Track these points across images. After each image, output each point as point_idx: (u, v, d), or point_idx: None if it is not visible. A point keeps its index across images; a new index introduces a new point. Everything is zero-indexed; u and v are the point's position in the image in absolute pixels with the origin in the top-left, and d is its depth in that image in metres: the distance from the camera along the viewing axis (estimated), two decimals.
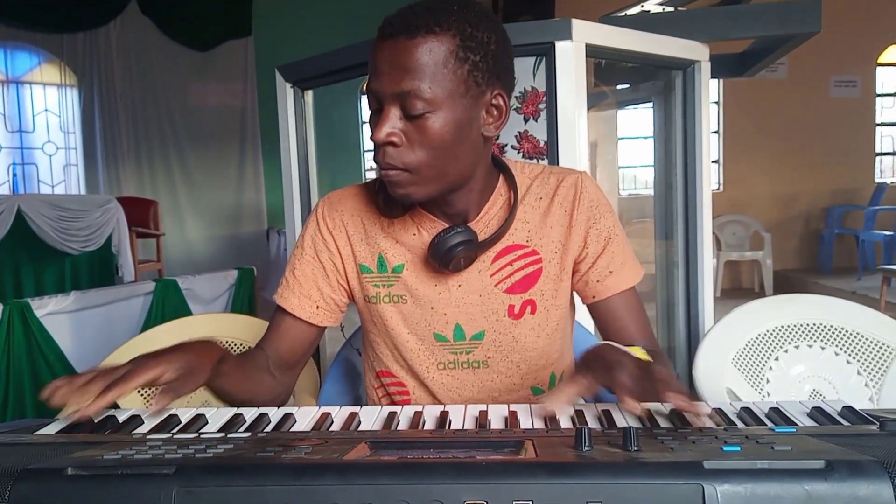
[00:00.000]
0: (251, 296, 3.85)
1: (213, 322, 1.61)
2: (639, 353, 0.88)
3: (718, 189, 6.93)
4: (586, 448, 0.60)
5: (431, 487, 0.54)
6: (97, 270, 4.13)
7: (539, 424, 0.78)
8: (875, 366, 1.42)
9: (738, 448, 0.59)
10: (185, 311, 3.32)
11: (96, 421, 0.82)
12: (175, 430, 0.78)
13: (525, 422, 0.80)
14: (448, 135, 0.89)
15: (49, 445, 0.69)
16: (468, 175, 0.97)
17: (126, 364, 0.86)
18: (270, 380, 1.08)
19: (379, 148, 0.90)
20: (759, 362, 1.47)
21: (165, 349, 0.91)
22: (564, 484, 0.54)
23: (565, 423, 0.79)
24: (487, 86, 0.91)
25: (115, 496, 0.55)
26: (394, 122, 0.88)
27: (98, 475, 0.57)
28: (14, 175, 5.83)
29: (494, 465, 0.56)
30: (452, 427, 0.79)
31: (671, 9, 2.50)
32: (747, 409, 0.80)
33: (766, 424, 0.75)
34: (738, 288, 6.85)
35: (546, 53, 1.90)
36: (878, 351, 1.42)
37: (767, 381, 1.45)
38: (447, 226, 1.00)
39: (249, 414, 0.85)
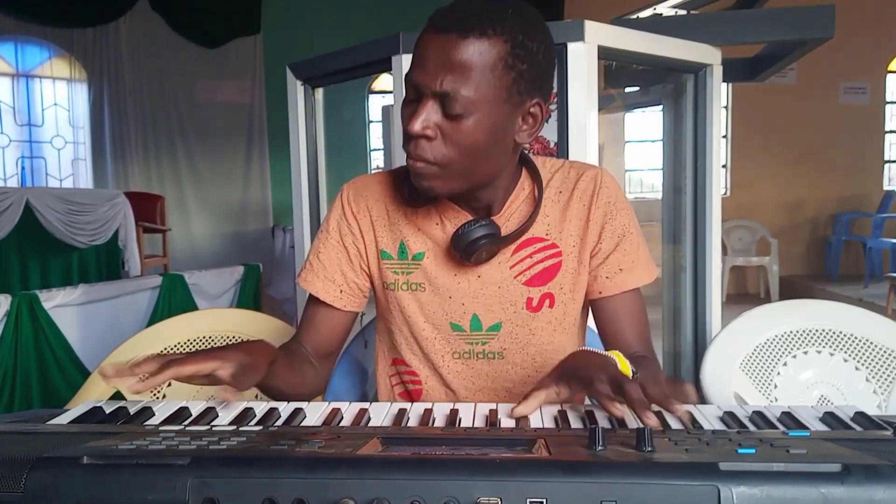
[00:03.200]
0: (257, 292, 3.86)
1: (222, 317, 1.60)
2: (618, 357, 0.87)
3: (725, 194, 6.91)
4: (600, 447, 0.60)
5: (445, 484, 0.54)
6: (104, 264, 4.15)
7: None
8: (884, 373, 1.41)
9: (754, 451, 0.59)
10: (191, 306, 3.33)
11: (108, 412, 0.82)
12: (187, 423, 0.79)
13: (534, 420, 0.80)
14: (482, 138, 0.88)
15: (63, 435, 0.69)
16: (494, 176, 0.97)
17: (183, 354, 0.87)
18: (313, 371, 1.10)
19: (410, 138, 0.89)
20: (767, 367, 1.46)
21: (222, 347, 0.93)
22: (579, 482, 0.54)
23: (574, 422, 0.79)
24: (528, 95, 0.91)
25: (131, 485, 0.55)
26: (430, 116, 0.87)
27: (114, 464, 0.57)
28: (22, 168, 5.86)
29: (508, 463, 0.56)
30: (463, 424, 0.79)
31: (683, 12, 2.49)
32: (759, 413, 0.80)
33: (778, 428, 0.74)
34: (744, 293, 6.83)
35: (558, 55, 1.90)
36: (887, 358, 1.41)
37: (775, 387, 1.45)
38: (471, 217, 1.00)
39: (260, 408, 0.85)
